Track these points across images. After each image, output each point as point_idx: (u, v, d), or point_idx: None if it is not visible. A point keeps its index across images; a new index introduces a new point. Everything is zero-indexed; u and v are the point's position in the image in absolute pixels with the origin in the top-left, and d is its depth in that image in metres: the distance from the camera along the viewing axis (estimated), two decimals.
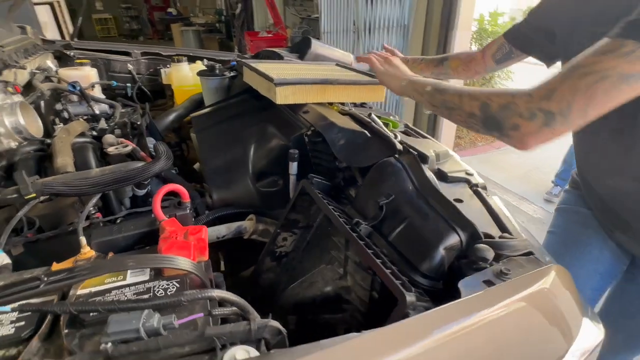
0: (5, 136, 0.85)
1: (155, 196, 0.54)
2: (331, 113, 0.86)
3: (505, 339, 0.38)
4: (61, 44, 1.61)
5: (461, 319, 0.36)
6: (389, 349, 0.32)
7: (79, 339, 0.35)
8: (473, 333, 0.36)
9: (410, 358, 0.33)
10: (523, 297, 0.38)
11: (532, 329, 0.38)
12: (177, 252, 0.47)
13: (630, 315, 0.91)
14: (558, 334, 0.39)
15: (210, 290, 0.37)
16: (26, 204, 0.72)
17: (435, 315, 0.37)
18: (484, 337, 0.37)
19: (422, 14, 3.12)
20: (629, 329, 0.92)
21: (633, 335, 0.93)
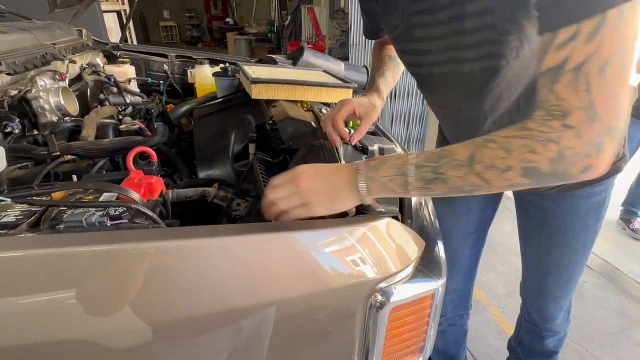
0: (49, 112, 1.12)
1: (128, 153, 0.75)
2: (294, 108, 1.03)
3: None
4: (112, 45, 1.93)
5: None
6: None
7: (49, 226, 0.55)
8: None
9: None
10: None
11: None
12: (132, 188, 0.66)
13: (541, 245, 0.95)
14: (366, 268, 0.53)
15: (130, 203, 0.56)
16: (53, 161, 0.97)
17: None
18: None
19: None
20: (549, 264, 0.97)
21: (556, 269, 0.96)
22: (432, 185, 0.53)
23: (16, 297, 0.43)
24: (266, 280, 0.49)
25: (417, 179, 0.54)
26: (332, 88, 1.09)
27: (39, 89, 1.11)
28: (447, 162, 0.52)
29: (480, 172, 0.50)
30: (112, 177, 0.74)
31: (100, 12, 3.30)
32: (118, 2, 4.27)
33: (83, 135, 1.07)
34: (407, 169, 0.54)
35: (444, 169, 0.52)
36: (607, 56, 0.43)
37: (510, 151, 0.49)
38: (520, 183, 0.50)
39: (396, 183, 0.55)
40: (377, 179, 0.56)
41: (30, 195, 0.57)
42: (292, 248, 0.51)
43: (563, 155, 0.47)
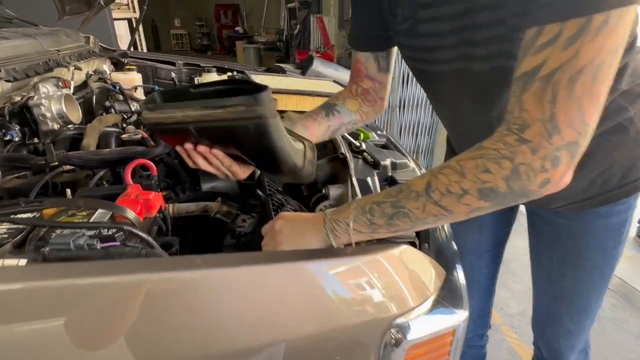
0: (50, 119, 1.09)
1: (126, 166, 0.70)
2: None
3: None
4: (120, 52, 1.92)
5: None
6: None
7: (35, 247, 0.51)
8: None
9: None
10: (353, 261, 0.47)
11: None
12: (128, 204, 0.62)
13: (554, 267, 0.87)
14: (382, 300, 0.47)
15: (123, 224, 0.51)
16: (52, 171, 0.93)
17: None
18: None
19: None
20: (561, 289, 0.88)
21: (569, 295, 0.88)
22: (396, 220, 0.51)
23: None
24: (272, 317, 0.44)
25: (379, 215, 0.52)
26: None
27: (41, 96, 1.08)
28: (406, 195, 0.51)
29: (438, 200, 0.49)
30: (108, 192, 0.69)
31: (111, 19, 3.32)
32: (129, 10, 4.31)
33: (84, 144, 1.03)
34: (369, 207, 0.53)
35: (403, 201, 0.51)
36: (580, 66, 0.41)
37: (464, 174, 0.47)
38: (480, 207, 0.48)
39: (360, 223, 0.54)
40: (341, 221, 0.55)
41: (16, 212, 0.53)
42: (301, 279, 0.46)
43: (517, 172, 0.45)
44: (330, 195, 0.79)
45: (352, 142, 0.98)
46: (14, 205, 0.54)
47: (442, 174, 0.49)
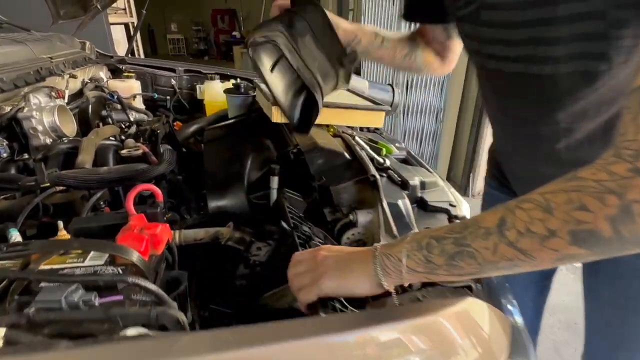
0: (42, 133, 0.99)
1: (129, 193, 0.61)
2: (321, 134, 0.90)
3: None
4: (117, 58, 1.82)
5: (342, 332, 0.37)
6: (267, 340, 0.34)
7: (18, 302, 0.41)
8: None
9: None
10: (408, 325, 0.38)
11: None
12: (131, 242, 0.53)
13: (613, 310, 0.77)
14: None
15: (125, 275, 0.42)
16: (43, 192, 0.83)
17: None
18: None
19: (457, 99, 3.17)
20: (621, 336, 0.78)
21: (630, 345, 0.77)
22: (459, 261, 0.42)
23: None
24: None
25: (439, 253, 0.43)
26: (364, 111, 0.96)
27: (32, 107, 0.99)
28: (473, 232, 0.42)
29: (514, 242, 0.39)
30: (107, 222, 0.60)
31: (108, 24, 3.23)
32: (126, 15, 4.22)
33: (79, 160, 0.94)
34: (427, 242, 0.45)
35: (469, 239, 0.42)
36: None
37: (551, 210, 0.37)
38: (573, 254, 0.37)
39: (415, 260, 0.45)
40: (393, 255, 0.46)
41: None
42: (340, 355, 0.36)
43: (629, 212, 0.34)
44: (359, 222, 0.70)
45: (375, 158, 0.89)
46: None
47: (521, 209, 0.39)
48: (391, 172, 0.86)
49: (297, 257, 0.54)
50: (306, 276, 0.49)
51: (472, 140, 3.37)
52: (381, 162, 0.89)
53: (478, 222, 0.42)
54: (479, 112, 3.21)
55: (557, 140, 0.63)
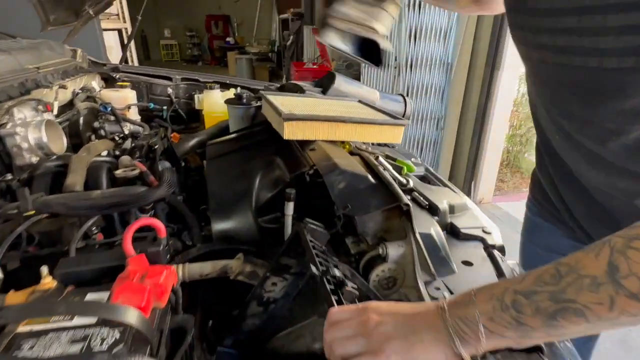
0: (27, 151, 0.90)
1: (126, 231, 0.52)
2: (339, 152, 0.81)
3: None
4: (111, 66, 1.73)
5: None
6: None
7: None
8: None
9: None
10: None
11: None
12: (130, 295, 0.44)
13: None
14: None
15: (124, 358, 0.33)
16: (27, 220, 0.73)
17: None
18: None
19: (467, 53, 3.08)
20: None
21: None
22: (561, 320, 0.35)
23: None
24: None
25: (532, 312, 0.36)
26: (383, 126, 0.88)
27: (16, 123, 0.89)
28: (573, 282, 0.35)
29: (638, 293, 0.32)
30: (100, 265, 0.51)
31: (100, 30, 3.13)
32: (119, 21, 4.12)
33: (68, 182, 0.84)
34: (512, 299, 0.37)
35: (571, 293, 0.35)
36: None
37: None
38: None
39: (502, 323, 0.37)
40: (471, 319, 0.38)
41: None
42: None
43: None
44: (390, 257, 0.61)
45: (399, 180, 0.81)
46: None
47: (635, 249, 0.32)
48: (416, 194, 0.78)
49: (337, 315, 0.44)
50: (356, 344, 0.40)
51: (474, 147, 3.31)
52: (404, 182, 0.81)
53: (576, 268, 0.35)
54: (481, 119, 3.16)
55: (603, 142, 0.56)
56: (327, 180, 0.69)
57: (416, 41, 3.08)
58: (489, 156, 3.23)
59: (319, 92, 1.20)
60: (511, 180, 3.76)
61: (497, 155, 3.30)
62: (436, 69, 3.19)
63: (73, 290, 0.48)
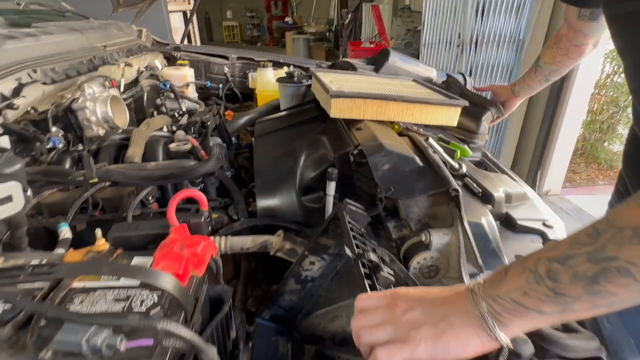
0: (95, 124, 0.97)
1: (171, 200, 0.54)
2: (386, 133, 0.77)
3: None
4: (173, 46, 1.81)
5: None
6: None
7: (38, 337, 0.35)
8: None
9: None
10: None
11: None
12: (169, 262, 0.46)
13: None
14: None
15: (155, 320, 0.34)
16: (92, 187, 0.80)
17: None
18: None
19: (543, 28, 2.77)
20: None
21: None
22: (605, 284, 0.30)
23: None
24: None
25: (571, 278, 0.31)
26: (437, 106, 0.82)
27: (87, 97, 0.97)
28: (612, 237, 0.30)
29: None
30: (146, 232, 0.53)
31: (167, 11, 3.29)
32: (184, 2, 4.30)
33: (128, 154, 0.90)
34: (546, 268, 0.33)
35: (611, 250, 0.30)
36: None
37: None
38: None
39: (538, 296, 0.33)
40: (504, 296, 0.35)
41: (17, 282, 0.38)
42: None
43: None
44: (433, 245, 0.58)
45: (449, 162, 0.75)
46: (17, 270, 0.39)
47: None
48: (468, 180, 0.72)
49: (365, 302, 0.42)
50: (384, 331, 0.38)
51: (543, 132, 3.01)
52: (456, 167, 0.75)
53: (615, 221, 0.30)
54: (554, 101, 2.85)
55: None
56: (372, 161, 0.66)
57: (484, 16, 2.83)
58: (560, 143, 2.92)
59: (371, 69, 1.15)
60: (585, 172, 3.39)
61: (570, 143, 2.97)
62: (505, 47, 2.92)
63: (122, 253, 0.51)
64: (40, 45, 0.84)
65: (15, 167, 0.59)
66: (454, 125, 0.88)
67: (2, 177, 0.57)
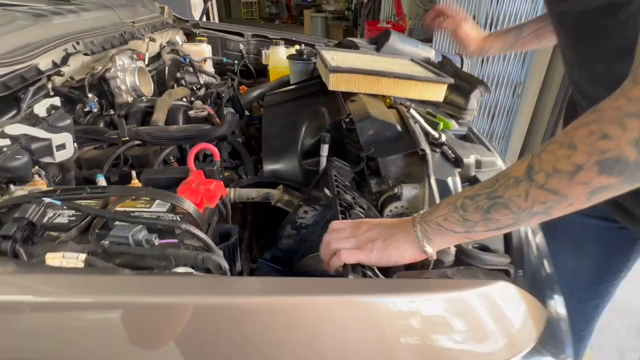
0: (125, 92, 1.11)
1: (190, 151, 0.67)
2: (376, 104, 0.88)
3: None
4: (192, 22, 1.92)
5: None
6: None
7: (97, 235, 0.49)
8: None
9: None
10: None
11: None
12: (189, 194, 0.59)
13: None
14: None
15: (181, 222, 0.47)
16: (123, 145, 0.94)
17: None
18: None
19: (541, 72, 2.77)
20: None
21: None
22: (494, 213, 0.43)
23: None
24: (337, 351, 0.37)
25: (474, 210, 0.44)
26: (425, 82, 0.92)
27: (117, 68, 1.10)
28: (503, 183, 0.43)
29: (544, 183, 0.40)
30: (171, 175, 0.67)
31: None
32: None
33: (154, 119, 1.04)
34: (462, 202, 0.46)
35: (501, 190, 0.43)
36: None
37: (575, 146, 0.38)
38: (605, 185, 0.37)
39: (453, 221, 0.46)
40: (432, 220, 0.48)
41: (80, 199, 0.52)
42: (364, 314, 0.39)
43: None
44: (404, 196, 0.70)
45: (430, 133, 0.86)
46: (80, 190, 0.53)
47: (546, 152, 0.40)
48: (445, 147, 0.83)
49: (336, 224, 0.56)
50: (348, 242, 0.52)
51: (554, 119, 3.03)
52: (436, 136, 0.86)
53: (507, 173, 0.43)
54: (565, 88, 2.86)
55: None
56: (358, 126, 0.77)
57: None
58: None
59: (373, 49, 1.25)
60: None
61: None
62: None
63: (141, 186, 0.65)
64: (80, 20, 0.97)
65: (66, 122, 0.73)
66: (440, 100, 0.97)
67: (57, 128, 0.71)
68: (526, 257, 0.58)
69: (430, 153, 0.71)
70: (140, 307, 0.36)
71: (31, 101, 0.73)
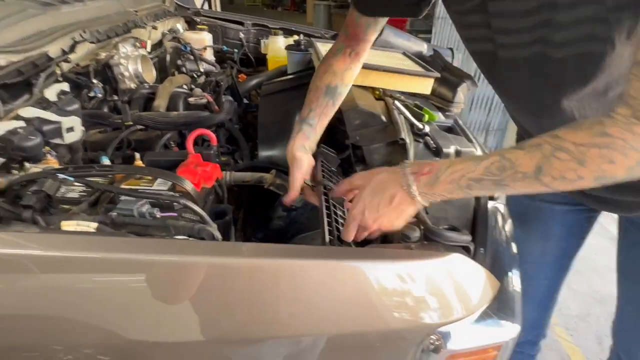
0: (128, 78, 1.16)
1: (189, 135, 0.73)
2: (364, 96, 0.94)
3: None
4: (193, 10, 1.96)
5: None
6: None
7: (105, 209, 0.56)
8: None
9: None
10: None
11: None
12: (188, 174, 0.65)
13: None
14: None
15: (180, 198, 0.54)
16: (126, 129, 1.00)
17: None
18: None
19: None
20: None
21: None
22: (494, 190, 0.52)
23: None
24: (320, 311, 0.44)
25: (478, 189, 0.51)
26: (412, 76, 0.97)
27: (121, 55, 1.15)
28: (511, 175, 0.49)
29: (548, 183, 0.47)
30: (171, 157, 0.73)
31: None
32: None
33: (155, 104, 1.09)
34: (466, 184, 0.51)
35: (507, 181, 0.49)
36: None
37: (585, 163, 0.45)
38: (587, 187, 0.47)
39: (456, 195, 0.53)
40: (436, 193, 0.53)
41: (90, 176, 0.58)
42: (349, 277, 0.45)
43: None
44: None
45: (415, 124, 0.91)
46: (89, 168, 0.59)
47: (557, 159, 0.46)
48: (428, 138, 0.89)
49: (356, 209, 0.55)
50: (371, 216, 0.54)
51: None
52: (420, 127, 0.92)
53: (515, 166, 0.48)
54: None
55: (572, 113, 0.63)
56: (345, 115, 0.83)
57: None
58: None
59: None
60: None
61: None
62: None
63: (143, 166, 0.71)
64: (86, 9, 1.02)
65: (75, 106, 0.79)
66: (427, 93, 1.03)
67: (66, 112, 0.77)
68: (491, 238, 0.65)
69: (412, 143, 0.77)
70: (148, 264, 0.43)
71: (42, 86, 0.79)
